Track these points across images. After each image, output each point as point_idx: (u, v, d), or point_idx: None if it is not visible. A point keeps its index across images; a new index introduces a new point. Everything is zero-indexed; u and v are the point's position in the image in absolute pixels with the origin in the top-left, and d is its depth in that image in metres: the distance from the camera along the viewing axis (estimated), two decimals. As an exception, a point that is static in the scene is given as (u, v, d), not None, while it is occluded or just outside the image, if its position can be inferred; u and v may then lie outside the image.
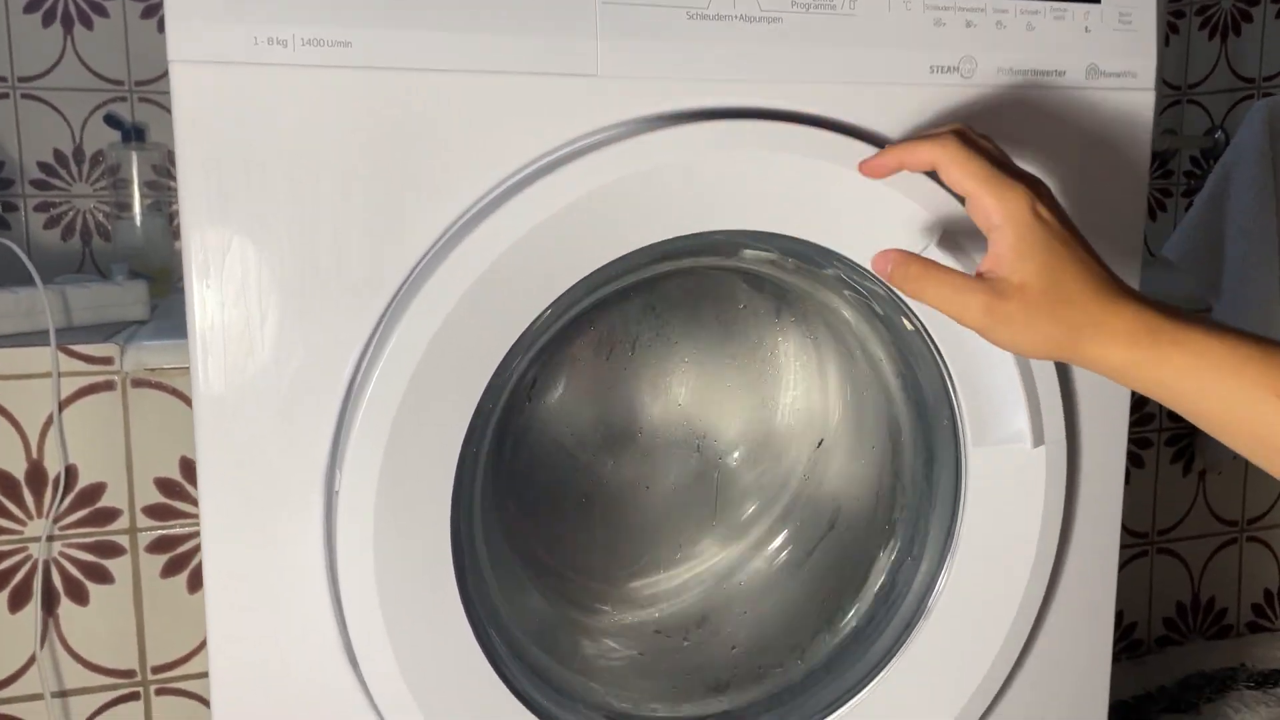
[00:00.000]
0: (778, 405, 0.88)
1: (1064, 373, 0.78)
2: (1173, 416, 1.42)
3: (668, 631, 0.86)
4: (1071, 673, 0.84)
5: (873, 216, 0.71)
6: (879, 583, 0.83)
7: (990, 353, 0.75)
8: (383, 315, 0.65)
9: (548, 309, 0.65)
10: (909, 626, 0.79)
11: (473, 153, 0.64)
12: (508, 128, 0.64)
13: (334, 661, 0.68)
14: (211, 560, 0.66)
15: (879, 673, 0.79)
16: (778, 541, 0.89)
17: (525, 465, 0.83)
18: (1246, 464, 1.49)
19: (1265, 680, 1.41)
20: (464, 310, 0.64)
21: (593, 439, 0.85)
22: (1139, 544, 1.43)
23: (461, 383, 0.65)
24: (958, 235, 0.73)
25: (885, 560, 0.83)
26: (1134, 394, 0.83)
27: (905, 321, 0.76)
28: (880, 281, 0.73)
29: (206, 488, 0.65)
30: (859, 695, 0.79)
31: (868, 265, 0.72)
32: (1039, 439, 0.76)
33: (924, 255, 0.69)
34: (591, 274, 0.66)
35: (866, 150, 0.69)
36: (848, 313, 0.79)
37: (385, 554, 0.65)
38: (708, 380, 0.86)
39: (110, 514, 0.96)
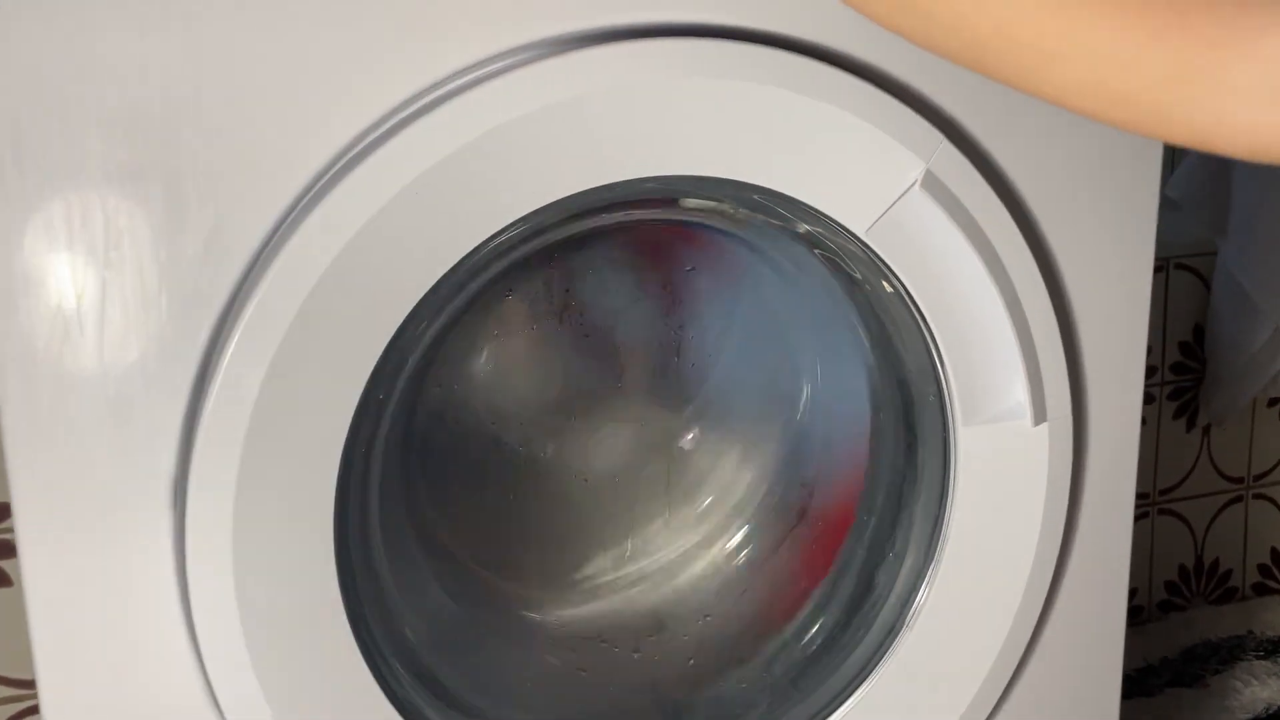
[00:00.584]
0: (737, 381, 0.78)
1: (1069, 339, 0.67)
2: (1175, 369, 1.33)
3: (614, 641, 0.76)
4: (1077, 677, 0.76)
5: (843, 154, 0.61)
6: (854, 583, 0.75)
7: (985, 317, 0.65)
8: (238, 285, 0.56)
9: (449, 273, 0.57)
10: (890, 633, 0.72)
11: (345, 86, 0.55)
12: (388, 57, 0.55)
13: (192, 701, 0.58)
14: (35, 593, 0.55)
15: (856, 689, 0.71)
16: (738, 537, 0.81)
17: (440, 454, 0.75)
18: (1253, 418, 1.42)
19: (1274, 649, 1.34)
20: (338, 276, 0.55)
21: (520, 422, 0.77)
22: (1140, 505, 1.39)
23: (341, 362, 0.57)
24: (943, 174, 0.61)
25: (862, 557, 0.75)
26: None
27: (885, 284, 0.65)
28: (853, 236, 0.62)
29: (21, 507, 0.54)
30: (833, 717, 0.70)
31: (838, 216, 0.61)
32: (1040, 415, 0.68)
33: (905, 198, 0.57)
34: (500, 232, 0.58)
35: (833, 75, 0.58)
36: (816, 271, 0.69)
37: (249, 570, 0.56)
38: (653, 353, 0.78)
39: None
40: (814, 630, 0.75)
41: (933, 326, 0.66)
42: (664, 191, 0.64)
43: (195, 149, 0.54)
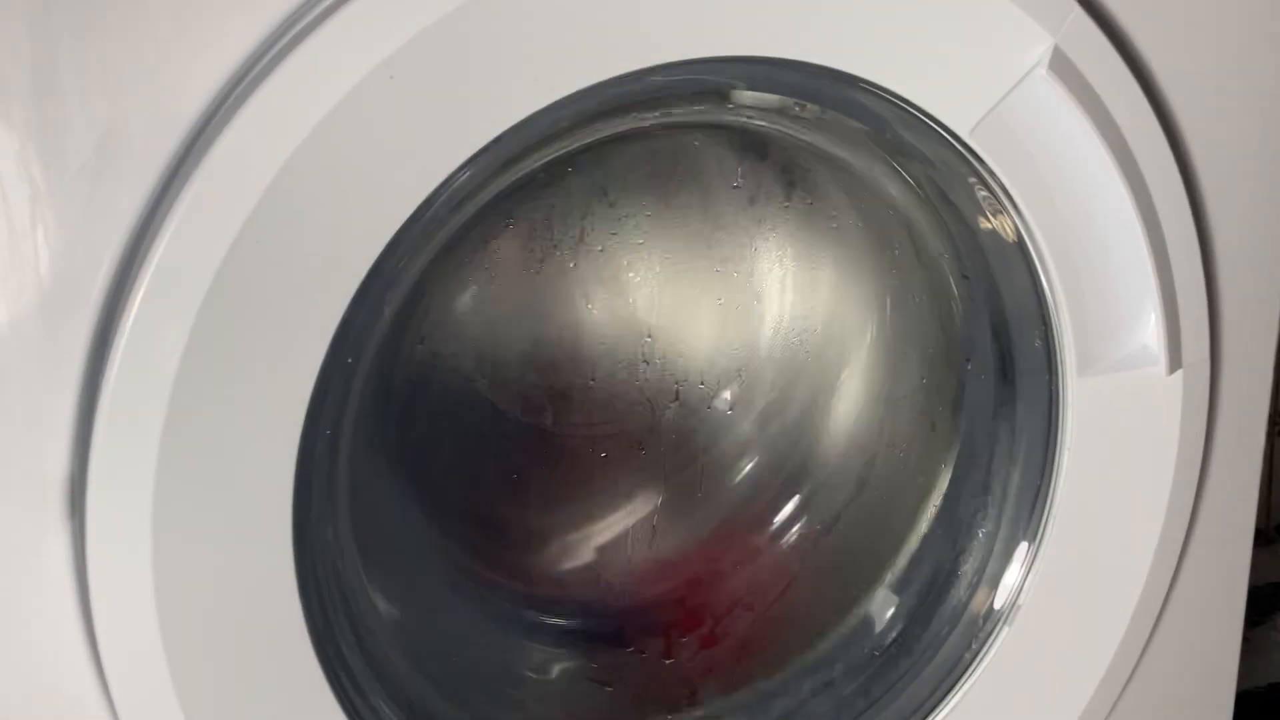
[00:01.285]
0: (785, 325, 0.67)
1: (1209, 267, 0.55)
2: None
3: (639, 644, 0.65)
4: (1198, 662, 0.66)
5: (946, 31, 0.48)
6: (932, 569, 0.63)
7: (1114, 241, 0.53)
8: (145, 212, 0.42)
9: (436, 192, 0.44)
10: (983, 630, 0.59)
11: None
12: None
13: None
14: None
15: (944, 698, 0.59)
16: (787, 511, 0.69)
17: (424, 427, 0.62)
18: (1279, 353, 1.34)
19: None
20: (285, 193, 0.41)
21: (523, 383, 0.64)
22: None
23: (294, 313, 0.43)
24: (1074, 52, 0.48)
25: (941, 537, 0.63)
26: None
27: (984, 200, 0.52)
28: (951, 139, 0.49)
29: None
30: None
31: (935, 111, 0.48)
32: (1176, 361, 0.56)
33: (1025, 84, 0.46)
34: (501, 136, 0.44)
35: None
36: (894, 189, 0.56)
37: (174, 595, 0.43)
38: (686, 295, 0.65)
39: None
40: (883, 626, 0.63)
41: (1044, 254, 0.54)
42: (713, 83, 0.51)
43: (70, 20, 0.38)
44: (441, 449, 0.63)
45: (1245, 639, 1.24)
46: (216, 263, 0.41)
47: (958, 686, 0.59)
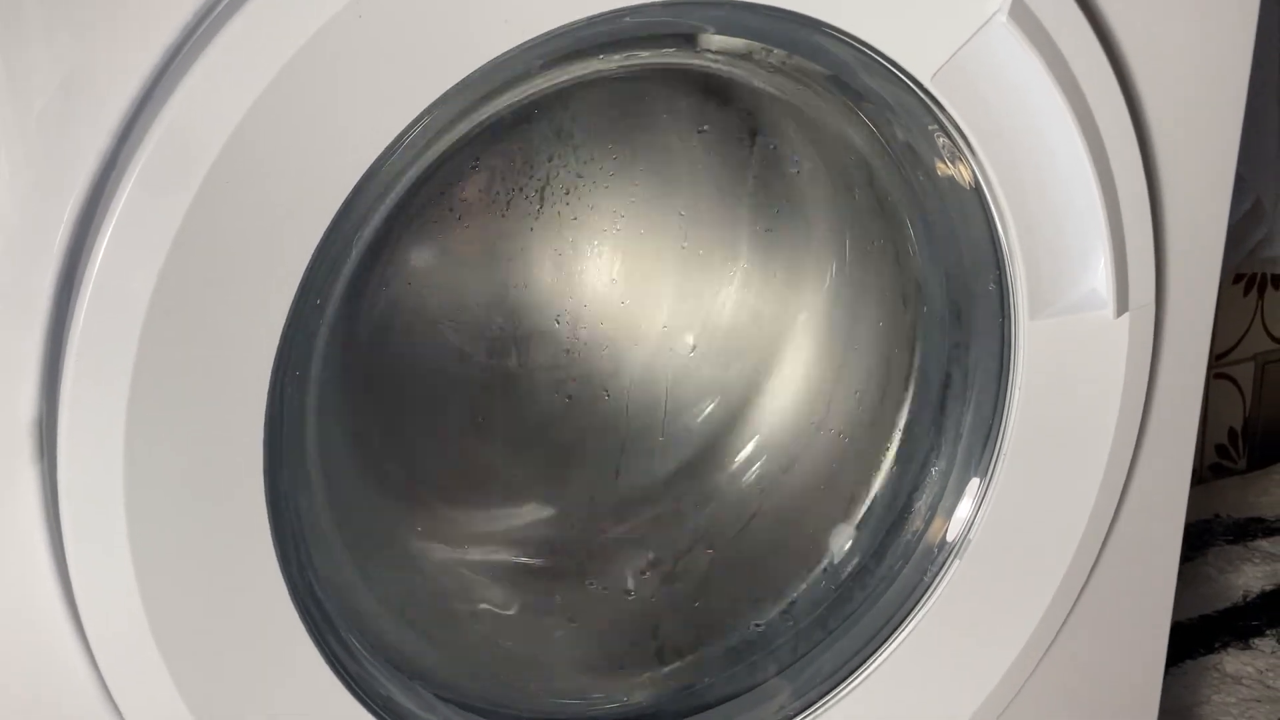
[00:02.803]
0: (747, 269, 0.67)
1: (1157, 216, 0.56)
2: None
3: (603, 580, 0.65)
4: (1137, 593, 0.68)
5: None
6: (886, 505, 0.65)
7: (1068, 187, 0.54)
8: (110, 151, 0.41)
9: (402, 134, 0.44)
10: (935, 562, 0.61)
11: None
12: None
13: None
14: None
15: (897, 628, 0.61)
16: (747, 452, 0.70)
17: (390, 368, 0.62)
18: (1219, 295, 1.38)
19: (1243, 532, 1.31)
20: (253, 133, 0.41)
21: (489, 328, 0.64)
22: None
23: (264, 252, 0.43)
24: (1033, 1, 0.48)
25: (897, 474, 0.65)
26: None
27: (942, 147, 0.53)
28: (915, 86, 0.49)
29: None
30: (874, 659, 0.61)
31: (897, 56, 0.48)
32: (1123, 304, 0.57)
33: (984, 32, 0.45)
34: (466, 79, 0.44)
35: None
36: (855, 135, 0.56)
37: (146, 519, 0.43)
38: (651, 239, 0.66)
39: None
40: (840, 560, 0.65)
41: (1000, 200, 0.55)
42: (681, 25, 0.50)
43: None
44: (407, 390, 0.63)
45: (1179, 574, 1.30)
46: (184, 204, 0.40)
47: (911, 616, 0.61)
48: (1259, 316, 1.41)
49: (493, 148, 0.58)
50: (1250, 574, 1.25)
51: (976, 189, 0.55)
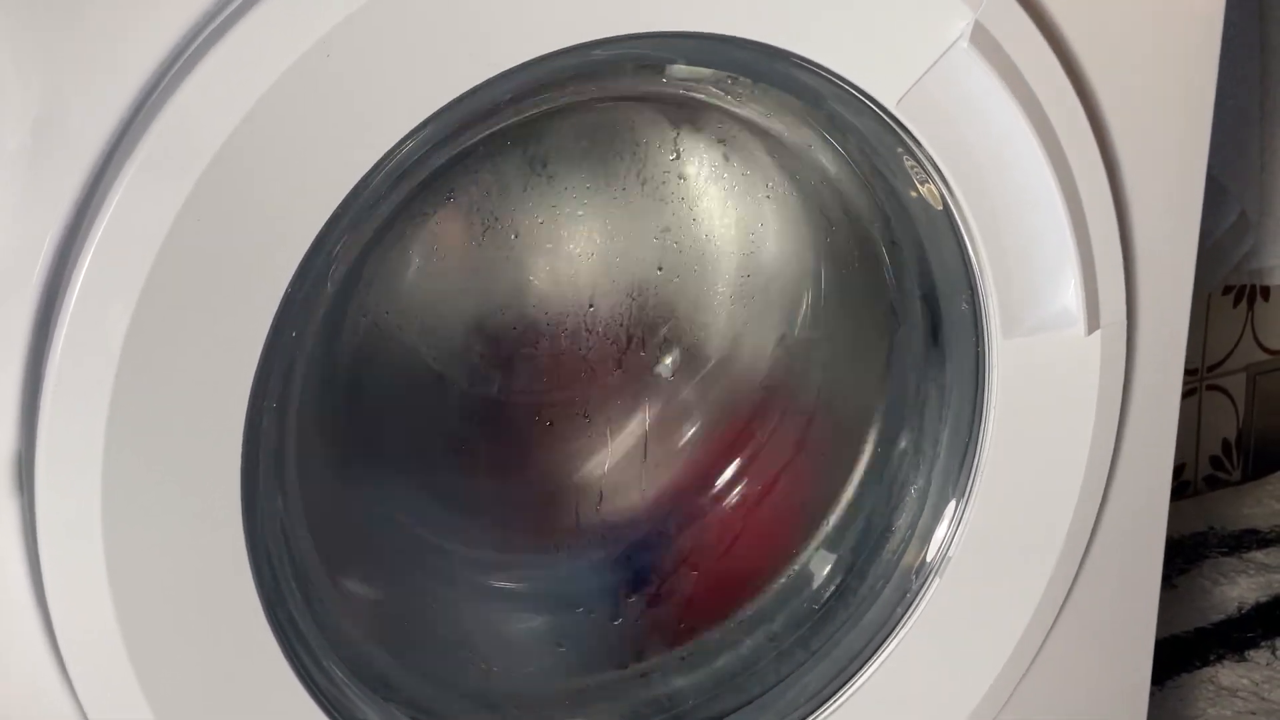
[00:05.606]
0: (723, 293, 0.68)
1: (1125, 232, 0.57)
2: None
3: (589, 606, 0.65)
4: (1119, 609, 0.68)
5: (873, 6, 0.50)
6: (866, 525, 0.65)
7: (1035, 208, 0.55)
8: (86, 188, 0.42)
9: (376, 166, 0.45)
10: (916, 581, 0.61)
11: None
12: None
13: None
14: None
15: (880, 647, 0.61)
16: (729, 474, 0.71)
17: (370, 398, 0.63)
18: (1207, 307, 1.38)
19: (1238, 544, 1.31)
20: (227, 168, 0.41)
21: (467, 354, 0.64)
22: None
23: (239, 287, 0.44)
24: (994, 26, 0.49)
25: (876, 495, 0.65)
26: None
27: (911, 172, 0.54)
28: (879, 110, 0.50)
29: None
30: (856, 679, 0.62)
31: (862, 83, 0.49)
32: (1094, 322, 0.58)
33: (947, 58, 0.47)
34: (440, 111, 0.45)
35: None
36: (826, 160, 0.57)
37: (124, 551, 0.44)
38: (627, 264, 0.66)
39: None
40: (821, 581, 0.65)
41: (970, 221, 0.56)
42: (647, 57, 0.52)
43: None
44: (387, 419, 0.63)
45: (1174, 586, 1.29)
46: (159, 241, 0.41)
47: (892, 636, 0.61)
48: (1249, 328, 1.41)
49: (467, 178, 0.58)
50: (1245, 586, 1.25)
51: (946, 211, 0.56)
